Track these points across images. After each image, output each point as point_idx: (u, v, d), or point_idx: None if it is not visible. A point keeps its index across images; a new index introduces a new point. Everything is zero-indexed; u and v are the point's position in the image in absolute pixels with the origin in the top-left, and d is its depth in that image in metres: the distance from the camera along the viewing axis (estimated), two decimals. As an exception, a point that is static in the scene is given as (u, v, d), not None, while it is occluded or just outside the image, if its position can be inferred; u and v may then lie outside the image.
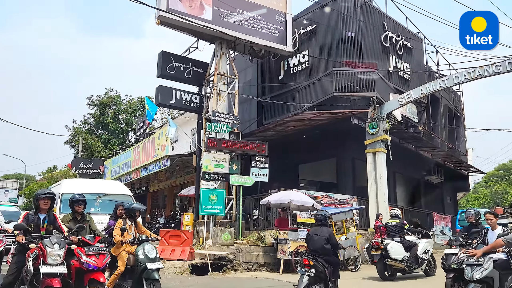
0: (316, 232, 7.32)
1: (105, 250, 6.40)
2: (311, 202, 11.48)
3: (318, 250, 7.02)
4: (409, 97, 15.37)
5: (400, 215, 12.09)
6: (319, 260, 6.86)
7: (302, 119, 15.03)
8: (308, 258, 6.92)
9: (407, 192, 22.99)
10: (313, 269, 6.74)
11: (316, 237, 7.17)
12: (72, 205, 6.71)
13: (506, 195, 64.77)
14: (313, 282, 6.77)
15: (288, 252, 11.11)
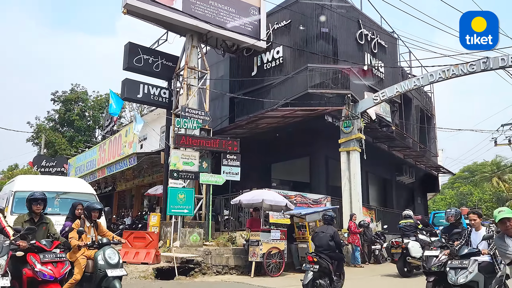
0: (322, 230, 7.94)
1: (64, 257, 5.66)
2: (284, 201, 10.97)
3: (323, 246, 7.58)
4: (384, 95, 15.14)
5: (412, 215, 12.47)
6: (323, 256, 7.40)
7: (275, 116, 14.53)
8: (312, 255, 7.45)
9: (379, 192, 22.93)
10: (317, 265, 7.25)
11: (322, 234, 7.76)
12: (29, 204, 5.85)
13: (471, 196, 66.52)
14: (317, 276, 7.24)
15: (260, 254, 10.56)
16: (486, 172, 67.11)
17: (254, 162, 18.57)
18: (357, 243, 13.41)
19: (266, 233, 10.82)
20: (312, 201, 14.44)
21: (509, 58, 13.10)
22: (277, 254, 10.83)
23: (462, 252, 6.08)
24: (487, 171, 67.12)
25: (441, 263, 6.93)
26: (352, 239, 13.36)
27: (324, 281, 7.27)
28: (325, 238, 7.64)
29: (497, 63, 13.27)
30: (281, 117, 14.96)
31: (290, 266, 11.93)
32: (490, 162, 68.40)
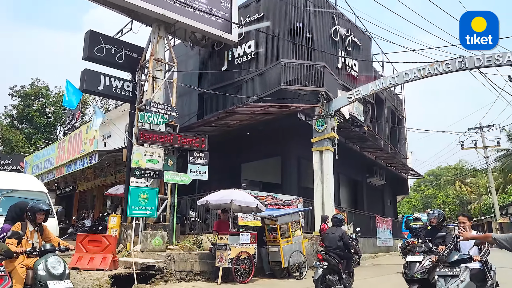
0: (331, 231, 8.65)
1: (3, 271, 4.73)
2: (255, 202, 10.23)
3: (332, 246, 8.21)
4: (358, 94, 14.67)
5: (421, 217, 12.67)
6: (332, 255, 8.01)
7: (246, 113, 13.79)
8: (321, 253, 8.12)
9: (350, 194, 22.59)
10: (326, 262, 7.83)
11: (331, 235, 8.44)
12: None
13: (435, 199, 68.07)
14: (327, 273, 7.81)
15: (228, 259, 9.77)
16: (450, 176, 68.83)
17: (223, 162, 17.78)
18: None
19: (235, 237, 10.04)
20: (283, 202, 13.78)
21: (485, 58, 12.89)
22: (246, 259, 10.08)
23: (452, 258, 5.52)
24: (450, 175, 68.87)
25: (425, 269, 6.39)
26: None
27: (333, 277, 7.84)
28: (334, 238, 8.31)
29: (473, 63, 13.04)
30: (252, 114, 14.24)
31: (260, 272, 11.20)
32: (454, 166, 70.24)
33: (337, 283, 7.87)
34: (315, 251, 13.44)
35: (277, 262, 10.96)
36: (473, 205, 57.03)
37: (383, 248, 21.38)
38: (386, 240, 22.06)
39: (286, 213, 11.25)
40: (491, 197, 35.09)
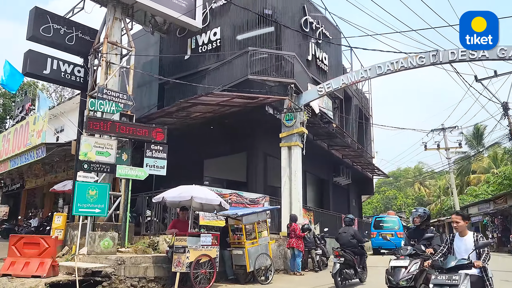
0: (344, 230, 9.67)
1: None
2: (218, 200, 9.17)
3: (345, 244, 9.26)
4: (329, 87, 13.92)
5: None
6: (347, 251, 9.03)
7: (210, 103, 12.71)
8: (337, 250, 9.13)
9: (316, 193, 21.97)
10: (342, 258, 8.81)
11: (344, 234, 9.47)
12: None
13: (395, 200, 69.29)
14: (343, 267, 8.81)
15: (187, 263, 8.67)
16: (410, 178, 70.24)
17: (185, 157, 16.62)
18: (302, 248, 12.01)
19: (194, 238, 8.95)
20: (249, 200, 12.81)
21: (459, 52, 12.44)
22: (207, 263, 9.01)
23: (449, 264, 4.72)
24: (410, 177, 70.28)
25: (411, 275, 5.58)
26: (297, 243, 11.92)
27: (349, 271, 8.98)
28: (347, 237, 9.42)
29: (447, 57, 12.59)
30: (217, 105, 13.18)
31: (222, 276, 10.17)
32: (414, 168, 71.71)
33: (353, 276, 9.19)
34: (282, 253, 12.60)
35: (241, 266, 9.96)
36: (432, 206, 58.36)
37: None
38: (351, 241, 21.53)
39: (252, 212, 10.28)
40: (452, 198, 35.59)
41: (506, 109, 19.51)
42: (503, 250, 24.22)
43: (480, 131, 48.12)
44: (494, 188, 33.93)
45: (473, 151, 47.44)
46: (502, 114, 19.66)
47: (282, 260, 12.56)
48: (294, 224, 12.19)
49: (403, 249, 5.91)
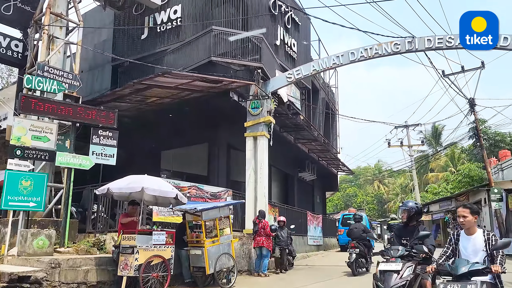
0: (355, 226, 11.79)
1: None
2: (173, 192, 7.91)
3: (357, 238, 11.21)
4: (298, 74, 12.96)
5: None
6: (360, 244, 11.06)
7: (168, 86, 11.37)
8: (353, 242, 11.08)
9: (280, 189, 21.06)
10: (357, 249, 10.90)
11: (356, 229, 11.55)
12: None
13: (355, 198, 70.05)
14: (358, 257, 10.89)
15: (135, 266, 7.40)
16: (369, 176, 71.21)
17: (140, 148, 15.23)
18: (271, 247, 10.96)
19: (145, 236, 7.69)
20: (210, 194, 11.62)
21: (436, 40, 11.83)
22: (160, 265, 7.77)
23: (460, 269, 3.77)
24: (370, 175, 71.27)
25: (405, 282, 4.62)
26: (267, 242, 10.84)
27: (362, 260, 11.10)
28: (359, 231, 11.44)
29: (423, 44, 11.94)
30: (176, 89, 11.86)
31: (178, 279, 8.95)
32: (374, 166, 72.76)
33: (365, 265, 11.27)
34: (246, 252, 11.51)
35: (200, 268, 8.77)
36: (390, 204, 59.26)
37: (314, 246, 20.10)
38: (317, 238, 20.84)
39: (213, 207, 9.09)
40: (413, 196, 35.82)
41: (473, 105, 19.32)
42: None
43: (438, 130, 49.21)
44: (453, 186, 34.43)
45: (432, 150, 48.42)
46: (469, 110, 19.47)
47: (245, 260, 11.46)
48: (264, 221, 11.10)
49: (393, 249, 4.95)
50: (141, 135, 15.04)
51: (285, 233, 11.84)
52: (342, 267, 11.57)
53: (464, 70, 19.41)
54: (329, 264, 14.06)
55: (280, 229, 11.80)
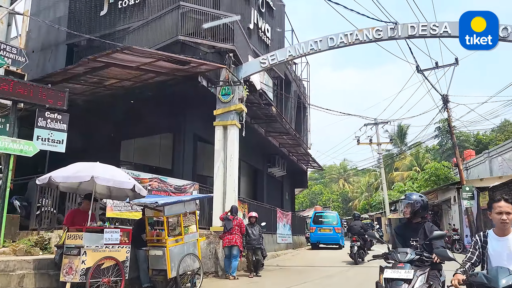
0: (354, 224, 14.35)
1: None
2: (130, 183, 6.72)
3: (357, 233, 13.54)
4: (273, 59, 11.99)
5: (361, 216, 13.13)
6: (359, 238, 13.37)
7: (128, 65, 10.08)
8: (355, 236, 13.48)
9: (249, 184, 20.09)
10: (358, 242, 13.25)
11: (355, 226, 14.05)
12: None
13: (321, 196, 70.26)
14: (359, 249, 13.16)
15: (81, 269, 6.19)
16: (334, 174, 71.62)
17: (97, 136, 13.85)
18: (242, 246, 9.91)
19: (95, 235, 6.49)
20: (174, 188, 10.46)
21: (420, 27, 11.17)
22: (112, 268, 6.60)
23: (500, 281, 2.87)
24: (335, 173, 71.68)
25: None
26: (240, 241, 9.80)
27: (362, 251, 13.28)
28: (357, 228, 13.72)
29: (406, 31, 11.25)
30: (137, 70, 10.59)
31: (134, 284, 7.77)
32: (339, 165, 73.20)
33: (363, 256, 13.17)
34: (213, 252, 10.44)
35: (160, 271, 7.63)
36: (355, 202, 59.66)
37: (283, 245, 19.26)
38: (286, 237, 20.01)
39: (178, 201, 7.95)
40: (381, 193, 35.79)
41: (446, 102, 19.03)
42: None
43: (403, 130, 49.80)
44: (419, 184, 34.61)
45: (397, 149, 48.90)
46: (442, 106, 19.16)
47: (212, 260, 10.38)
48: (239, 218, 10.09)
49: (400, 252, 4.04)
50: (98, 123, 13.66)
51: (257, 230, 10.72)
52: (316, 268, 10.80)
53: (438, 66, 19.11)
54: (302, 264, 13.22)
55: (251, 226, 10.72)
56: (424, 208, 4.51)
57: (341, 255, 17.38)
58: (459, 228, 19.76)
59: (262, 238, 11.26)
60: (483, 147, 38.84)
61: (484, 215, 17.72)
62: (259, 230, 10.76)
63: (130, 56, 9.45)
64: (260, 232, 10.75)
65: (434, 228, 4.31)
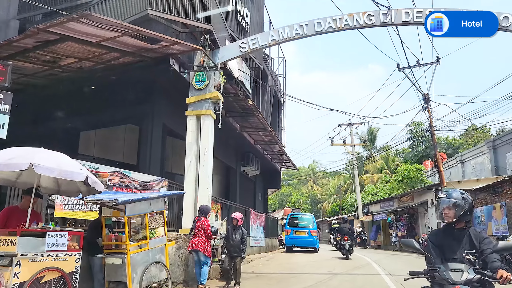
0: (344, 226, 17.30)
1: None
2: (82, 174, 5.31)
3: (346, 234, 16.57)
4: (254, 44, 10.83)
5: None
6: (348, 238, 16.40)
7: (87, 39, 8.62)
8: (346, 236, 16.42)
9: (222, 183, 18.82)
10: (349, 241, 16.34)
11: (345, 228, 16.94)
12: None
13: (290, 197, 69.78)
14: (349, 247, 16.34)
15: (15, 284, 4.78)
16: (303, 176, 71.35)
17: (51, 125, 12.26)
18: (209, 252, 8.45)
19: (33, 239, 5.09)
20: (139, 184, 9.07)
21: (415, 13, 10.30)
22: (56, 281, 5.21)
23: None
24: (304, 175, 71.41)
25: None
26: (203, 245, 8.26)
27: (351, 248, 16.58)
28: (346, 229, 16.96)
29: (400, 17, 10.40)
30: (98, 47, 9.12)
31: (87, 299, 6.38)
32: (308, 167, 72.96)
33: (351, 252, 16.56)
34: (182, 259, 9.11)
35: (119, 283, 6.29)
36: (324, 204, 59.46)
37: (256, 248, 18.12)
38: (258, 239, 18.87)
39: (143, 198, 6.62)
40: (354, 196, 35.26)
41: (427, 101, 18.44)
42: (406, 250, 23.64)
43: (373, 133, 49.86)
44: (390, 187, 34.33)
45: (367, 152, 48.83)
46: (423, 105, 18.57)
47: (182, 268, 9.06)
48: (203, 218, 8.63)
49: (453, 270, 2.90)
50: (53, 110, 12.09)
51: (239, 235, 9.08)
52: (297, 276, 9.68)
53: (419, 64, 18.53)
54: (280, 270, 12.04)
55: (234, 229, 9.21)
56: (471, 210, 3.41)
57: (318, 259, 16.41)
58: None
59: (245, 245, 9.67)
60: (453, 150, 39.10)
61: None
62: (242, 234, 9.19)
63: (90, 28, 8.00)
64: (242, 237, 9.15)
65: (483, 235, 3.22)
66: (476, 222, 15.71)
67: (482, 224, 15.11)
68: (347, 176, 53.22)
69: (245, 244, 9.27)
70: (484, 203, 14.92)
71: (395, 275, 10.58)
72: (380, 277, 10.37)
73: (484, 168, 25.63)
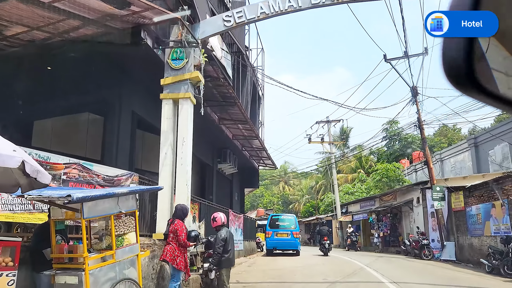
0: (323, 227, 20.47)
1: None
2: (16, 157, 3.63)
3: (325, 234, 19.55)
4: (241, 17, 9.35)
5: None
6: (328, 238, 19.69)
7: (38, 0, 6.92)
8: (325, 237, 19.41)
9: (197, 181, 17.17)
10: (328, 241, 19.42)
11: (323, 229, 20.20)
12: None
13: (262, 198, 68.70)
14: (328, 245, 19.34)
15: None
16: (275, 177, 70.47)
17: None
18: (181, 264, 6.74)
19: None
20: (103, 179, 7.38)
21: (423, -15, 9.05)
22: None
23: None
24: (275, 176, 70.52)
25: None
26: (172, 255, 6.60)
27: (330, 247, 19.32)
28: (325, 230, 20.07)
29: (407, -11, 9.07)
30: (53, 12, 7.41)
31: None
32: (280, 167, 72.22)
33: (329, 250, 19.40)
34: (157, 270, 7.48)
35: (74, 309, 4.64)
36: (295, 205, 58.72)
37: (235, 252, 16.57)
38: (237, 243, 17.33)
39: (107, 194, 4.99)
40: (332, 195, 34.28)
41: (415, 94, 17.49)
42: (389, 251, 22.73)
43: (346, 133, 49.37)
44: (367, 186, 33.60)
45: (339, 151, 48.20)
46: (411, 99, 17.61)
47: (155, 281, 7.43)
48: (177, 221, 6.98)
49: None
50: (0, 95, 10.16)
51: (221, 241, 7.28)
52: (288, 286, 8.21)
53: (407, 55, 17.62)
54: (267, 279, 10.49)
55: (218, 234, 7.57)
56: None
57: (304, 264, 15.06)
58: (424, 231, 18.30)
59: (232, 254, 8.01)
60: (429, 149, 38.85)
61: (456, 217, 16.29)
62: (328, 228, 7.79)
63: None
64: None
65: None
66: (471, 222, 14.81)
67: (478, 223, 14.21)
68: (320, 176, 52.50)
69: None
70: (480, 201, 14.02)
71: (400, 282, 9.35)
72: (385, 285, 9.12)
73: (464, 166, 25.12)
